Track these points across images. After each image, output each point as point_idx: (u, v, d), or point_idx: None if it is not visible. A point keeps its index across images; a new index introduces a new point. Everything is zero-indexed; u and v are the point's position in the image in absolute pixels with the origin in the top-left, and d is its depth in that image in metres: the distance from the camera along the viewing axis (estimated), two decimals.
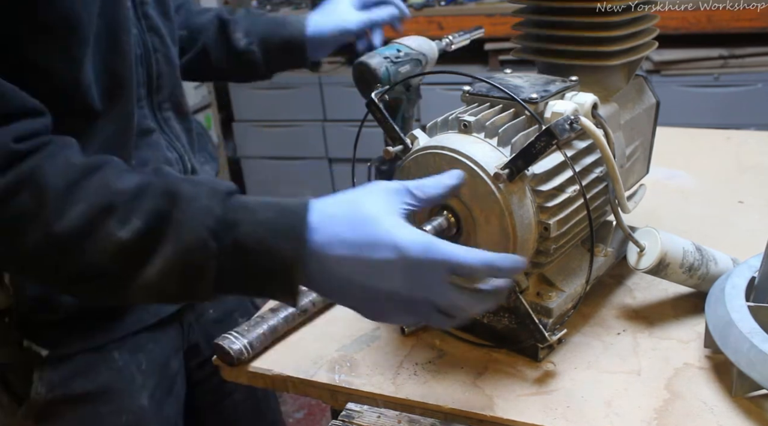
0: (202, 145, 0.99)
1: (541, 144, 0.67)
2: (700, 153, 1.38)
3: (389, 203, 0.63)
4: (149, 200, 0.62)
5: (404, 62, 0.91)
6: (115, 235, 0.61)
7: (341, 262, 0.62)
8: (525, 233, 0.72)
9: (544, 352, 0.80)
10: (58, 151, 0.63)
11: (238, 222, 0.62)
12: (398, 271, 0.61)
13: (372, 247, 0.61)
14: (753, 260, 0.80)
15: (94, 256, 0.61)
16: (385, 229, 0.61)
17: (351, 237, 0.61)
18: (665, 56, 2.63)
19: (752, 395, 0.72)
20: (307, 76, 3.11)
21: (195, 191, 0.63)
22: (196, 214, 0.61)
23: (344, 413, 0.76)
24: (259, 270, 0.62)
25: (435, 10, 2.90)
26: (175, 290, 0.64)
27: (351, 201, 0.64)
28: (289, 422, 2.29)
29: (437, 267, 0.61)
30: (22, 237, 0.60)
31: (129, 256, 0.61)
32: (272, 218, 0.62)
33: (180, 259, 0.61)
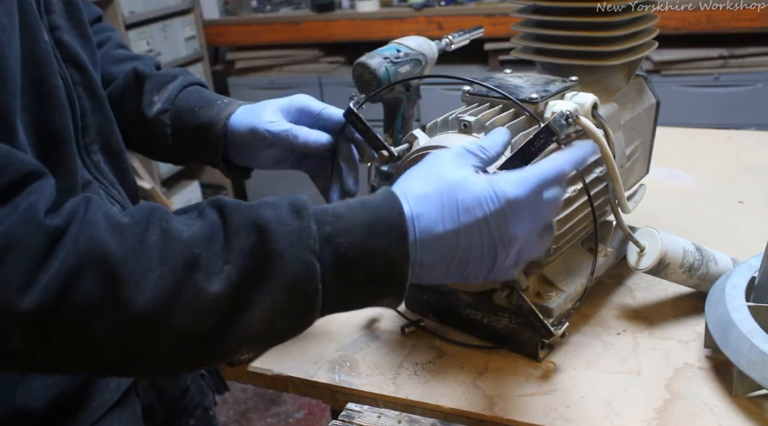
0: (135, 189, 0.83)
1: (540, 141, 0.67)
2: (700, 153, 1.38)
3: (464, 164, 0.62)
4: (232, 240, 0.55)
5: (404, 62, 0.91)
6: (206, 291, 0.53)
7: (449, 235, 0.59)
8: None
9: (544, 351, 0.80)
10: (94, 213, 0.53)
11: (335, 233, 0.56)
12: (507, 216, 0.60)
13: (473, 208, 0.59)
14: (753, 260, 0.80)
15: (185, 322, 0.53)
16: (478, 185, 0.60)
17: (449, 209, 0.59)
18: (665, 56, 2.63)
19: (752, 395, 0.72)
20: (307, 76, 3.12)
21: (278, 215, 0.56)
22: (294, 239, 0.55)
23: (344, 413, 0.76)
24: (367, 280, 0.57)
25: (435, 10, 2.91)
26: (284, 327, 0.58)
27: (430, 174, 0.62)
28: (289, 422, 2.29)
29: (537, 192, 0.61)
30: (94, 329, 0.51)
31: (227, 308, 0.54)
32: (365, 219, 0.57)
33: (289, 294, 0.55)
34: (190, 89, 0.87)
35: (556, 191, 0.64)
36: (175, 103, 0.85)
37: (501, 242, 0.61)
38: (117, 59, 0.89)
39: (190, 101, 0.85)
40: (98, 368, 0.57)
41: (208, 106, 0.85)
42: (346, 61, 3.19)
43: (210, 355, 0.57)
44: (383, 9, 3.05)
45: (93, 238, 0.51)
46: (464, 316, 0.84)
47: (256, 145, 0.82)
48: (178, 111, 0.85)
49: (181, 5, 3.09)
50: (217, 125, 0.83)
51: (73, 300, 0.50)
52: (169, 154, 0.88)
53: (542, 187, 0.62)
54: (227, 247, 0.54)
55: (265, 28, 3.17)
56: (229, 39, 3.31)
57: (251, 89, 3.07)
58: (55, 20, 0.69)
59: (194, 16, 3.18)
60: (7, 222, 0.49)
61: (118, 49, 0.91)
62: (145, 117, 0.85)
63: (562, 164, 0.63)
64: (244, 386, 2.39)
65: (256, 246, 0.55)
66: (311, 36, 3.11)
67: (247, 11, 3.31)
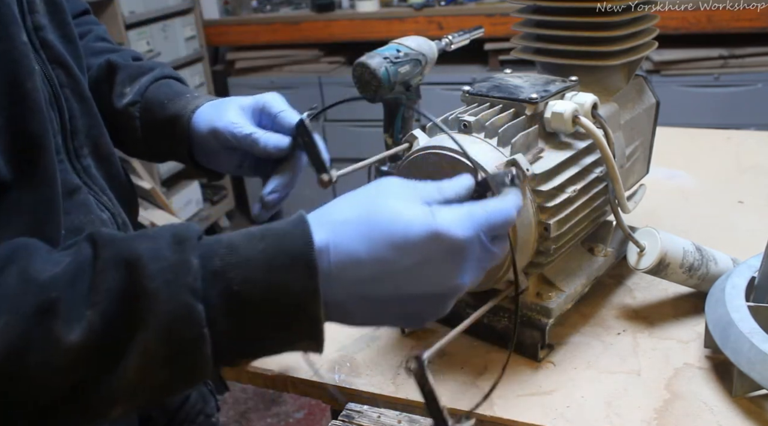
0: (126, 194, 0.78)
1: (474, 195, 0.59)
2: (700, 153, 1.38)
3: (408, 194, 0.52)
4: (98, 279, 0.47)
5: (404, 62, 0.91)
6: (63, 340, 0.45)
7: (375, 271, 0.50)
8: (525, 234, 0.72)
9: (544, 352, 0.80)
10: None
11: (225, 268, 0.48)
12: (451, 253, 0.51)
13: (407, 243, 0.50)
14: (753, 260, 0.80)
15: (43, 375, 0.46)
16: (417, 218, 0.50)
17: (376, 240, 0.50)
18: (665, 56, 2.63)
19: (752, 395, 0.72)
20: (307, 76, 3.12)
21: (155, 249, 0.48)
22: (170, 277, 0.47)
23: (344, 413, 0.76)
24: (267, 321, 0.49)
25: (435, 10, 2.91)
26: (165, 379, 0.49)
27: (362, 198, 0.53)
28: (289, 422, 2.29)
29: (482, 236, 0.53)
30: None
31: (90, 360, 0.47)
32: (265, 249, 0.49)
33: (163, 342, 0.47)
34: (162, 82, 0.83)
35: (504, 239, 0.56)
36: (145, 96, 0.81)
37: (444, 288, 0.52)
38: (95, 51, 0.86)
39: (159, 94, 0.81)
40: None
41: (177, 98, 0.80)
42: (346, 61, 3.19)
43: (79, 413, 0.49)
44: (383, 9, 3.05)
45: None
46: (464, 316, 0.83)
47: (216, 147, 0.77)
48: (148, 103, 0.80)
49: (181, 5, 3.09)
50: (182, 118, 0.78)
51: None
52: (140, 149, 0.84)
53: (490, 230, 0.54)
54: (92, 289, 0.47)
55: (265, 28, 3.17)
56: (229, 39, 3.31)
57: (251, 89, 3.07)
58: (39, 20, 0.67)
59: (194, 16, 3.18)
60: None
61: (97, 42, 0.88)
62: (115, 109, 0.81)
63: (510, 209, 0.55)
64: (244, 386, 2.39)
65: (125, 286, 0.47)
66: (311, 36, 3.11)
67: (247, 11, 3.31)
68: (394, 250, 0.50)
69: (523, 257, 0.74)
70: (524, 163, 0.70)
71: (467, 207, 0.53)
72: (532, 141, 0.75)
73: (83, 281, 0.47)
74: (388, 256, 0.50)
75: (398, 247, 0.50)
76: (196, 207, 3.24)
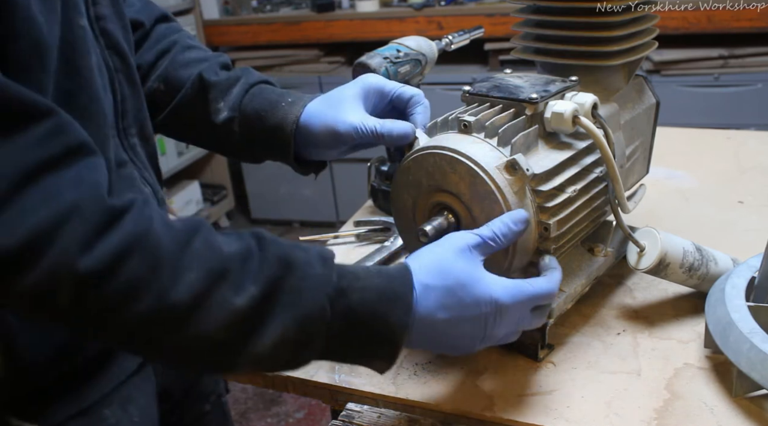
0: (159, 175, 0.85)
1: None
2: (700, 153, 1.38)
3: (475, 261, 0.67)
4: (263, 266, 0.59)
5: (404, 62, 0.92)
6: (230, 302, 0.57)
7: (443, 323, 0.64)
8: (524, 237, 0.72)
9: (544, 351, 0.80)
10: (150, 210, 0.58)
11: (350, 289, 0.61)
12: (498, 317, 0.66)
13: (471, 307, 0.65)
14: (753, 260, 0.80)
15: (207, 325, 0.57)
16: (480, 287, 0.65)
17: (451, 301, 0.64)
18: (665, 56, 2.63)
19: (752, 395, 0.72)
20: (307, 76, 3.12)
21: (307, 258, 0.61)
22: (315, 282, 0.60)
23: (344, 413, 0.76)
24: (365, 337, 0.62)
25: (435, 10, 2.91)
26: (285, 359, 0.61)
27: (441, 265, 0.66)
28: (289, 422, 2.29)
29: (525, 305, 0.68)
30: (132, 307, 0.55)
31: (243, 324, 0.58)
32: (380, 284, 0.62)
33: (298, 327, 0.59)
34: (254, 91, 0.87)
35: (544, 310, 0.71)
36: (241, 109, 0.86)
37: (484, 337, 0.67)
38: (184, 64, 0.90)
39: (255, 106, 0.86)
40: (121, 342, 0.60)
41: (274, 108, 0.85)
42: (346, 61, 3.19)
43: (218, 363, 0.60)
44: (383, 9, 3.05)
45: (149, 228, 0.56)
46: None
47: (335, 144, 0.82)
48: (245, 117, 0.86)
49: (181, 5, 3.09)
50: (285, 129, 0.83)
51: (120, 273, 0.54)
52: (242, 157, 0.92)
53: (533, 301, 0.69)
54: (257, 271, 0.58)
55: (265, 28, 3.17)
56: (229, 39, 3.31)
57: None
58: (102, 11, 0.72)
59: (194, 16, 3.18)
60: (76, 192, 0.53)
61: (184, 53, 0.91)
62: (214, 125, 0.87)
63: (554, 287, 0.70)
64: (244, 386, 2.39)
65: (281, 277, 0.59)
66: (311, 36, 3.11)
67: (247, 11, 3.31)
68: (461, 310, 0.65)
69: (522, 257, 0.74)
70: (524, 163, 0.70)
71: (520, 281, 0.68)
72: (532, 141, 0.75)
73: (251, 263, 0.59)
74: (454, 316, 0.65)
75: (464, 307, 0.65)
76: (196, 207, 3.24)
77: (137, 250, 0.54)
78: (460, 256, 0.66)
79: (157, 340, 0.57)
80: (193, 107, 0.88)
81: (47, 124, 0.54)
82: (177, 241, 0.57)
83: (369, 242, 1.12)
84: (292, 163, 0.86)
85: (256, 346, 0.58)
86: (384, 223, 1.12)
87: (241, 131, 0.86)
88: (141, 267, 0.54)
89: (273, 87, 0.89)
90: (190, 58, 0.91)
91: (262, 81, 0.89)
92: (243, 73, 0.89)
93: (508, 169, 0.71)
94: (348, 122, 0.79)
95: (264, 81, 0.90)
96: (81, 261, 0.52)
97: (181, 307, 0.55)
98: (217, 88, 0.87)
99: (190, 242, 0.57)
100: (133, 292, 0.54)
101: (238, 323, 0.57)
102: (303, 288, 0.59)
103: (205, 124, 0.87)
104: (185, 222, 0.60)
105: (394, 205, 0.81)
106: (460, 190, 0.73)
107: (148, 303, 0.55)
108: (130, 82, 0.76)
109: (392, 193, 0.80)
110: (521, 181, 0.71)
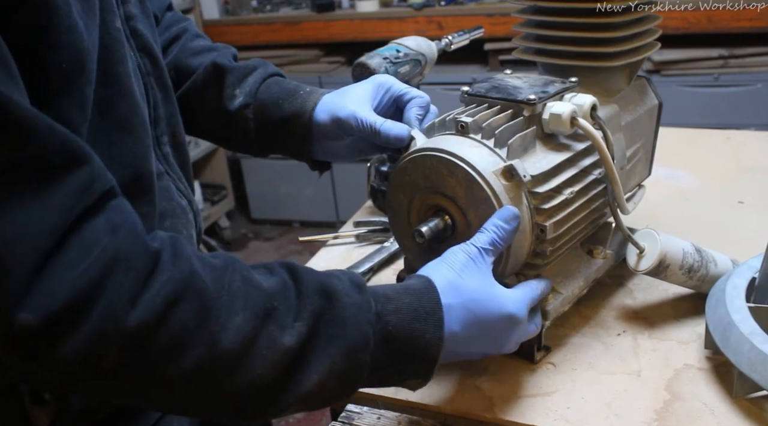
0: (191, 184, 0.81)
1: None
2: (700, 153, 1.38)
3: (483, 273, 0.67)
4: (304, 300, 0.57)
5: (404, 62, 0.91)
6: (279, 341, 0.54)
7: (464, 339, 0.65)
8: (519, 239, 0.71)
9: (541, 353, 0.80)
10: (184, 247, 0.55)
11: (385, 312, 0.60)
12: (512, 329, 0.68)
13: (487, 322, 0.66)
14: (753, 261, 0.80)
15: (258, 368, 0.54)
16: (495, 303, 0.66)
17: (468, 318, 0.64)
18: (665, 56, 2.63)
19: (753, 396, 0.72)
20: (307, 76, 3.12)
21: (343, 286, 0.60)
22: (356, 311, 0.59)
23: (344, 414, 0.76)
24: (404, 358, 0.61)
25: (435, 10, 2.90)
26: (332, 392, 0.59)
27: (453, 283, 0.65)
28: (289, 422, 2.29)
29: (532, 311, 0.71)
30: (183, 359, 0.51)
31: (294, 363, 0.56)
32: (411, 303, 0.62)
33: (344, 360, 0.57)
34: (270, 81, 0.86)
35: (537, 312, 0.74)
36: (257, 97, 0.84)
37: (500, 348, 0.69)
38: (195, 51, 0.88)
39: (272, 93, 0.84)
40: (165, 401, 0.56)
41: (292, 97, 0.83)
42: (346, 61, 3.19)
43: (266, 407, 0.58)
44: (383, 9, 3.04)
45: (192, 271, 0.53)
46: None
47: (338, 135, 0.82)
48: (262, 104, 0.84)
49: (181, 5, 3.08)
50: (303, 117, 0.82)
51: (169, 325, 0.50)
52: (249, 147, 0.88)
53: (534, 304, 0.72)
54: (299, 305, 0.57)
55: (265, 28, 3.17)
56: (229, 39, 3.30)
57: None
58: (131, 10, 0.70)
59: (194, 16, 3.18)
60: (114, 239, 0.50)
61: (195, 40, 0.90)
62: (227, 111, 0.84)
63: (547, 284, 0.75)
64: None
65: (325, 310, 0.57)
66: (311, 36, 3.10)
67: (247, 11, 3.31)
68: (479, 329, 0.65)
69: (515, 262, 0.74)
70: (521, 169, 0.70)
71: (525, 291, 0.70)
72: (529, 142, 0.75)
73: (290, 298, 0.57)
74: (473, 333, 0.65)
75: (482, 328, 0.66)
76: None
77: (185, 296, 0.51)
78: (469, 271, 0.66)
79: (205, 392, 0.54)
80: (205, 93, 0.85)
81: (84, 172, 0.50)
82: (219, 282, 0.54)
83: (369, 243, 1.12)
84: (308, 151, 0.85)
85: (304, 383, 0.56)
86: (384, 223, 1.12)
87: (256, 118, 0.84)
88: (190, 314, 0.51)
89: (288, 79, 0.89)
90: (201, 46, 0.89)
91: (279, 74, 0.89)
92: (260, 64, 0.88)
93: (505, 174, 0.70)
94: (349, 109, 0.79)
95: (281, 74, 0.89)
96: (129, 317, 0.49)
97: (232, 353, 0.53)
98: (234, 74, 0.85)
99: (230, 281, 0.55)
100: (184, 342, 0.51)
101: (288, 362, 0.55)
102: (346, 318, 0.58)
103: (217, 111, 0.85)
104: (220, 258, 0.57)
105: (390, 205, 0.80)
106: (456, 193, 0.72)
107: (200, 352, 0.51)
108: (162, 86, 0.74)
109: (388, 193, 0.80)
110: (518, 187, 0.71)
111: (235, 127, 0.85)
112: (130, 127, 0.63)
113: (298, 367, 0.56)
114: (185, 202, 0.75)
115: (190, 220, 0.76)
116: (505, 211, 0.69)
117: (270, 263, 0.61)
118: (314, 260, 1.08)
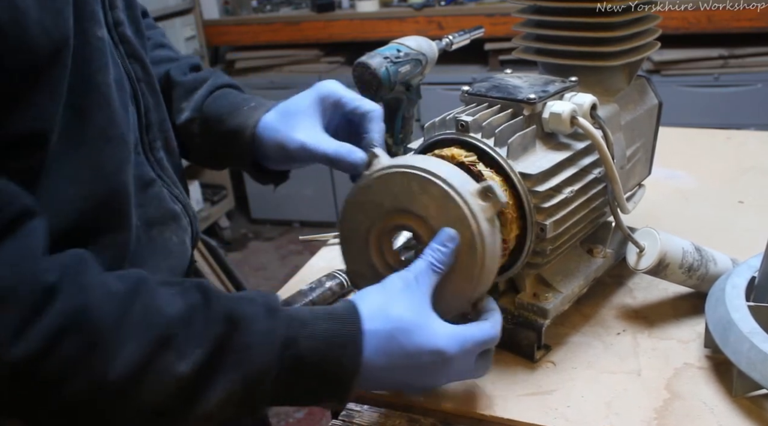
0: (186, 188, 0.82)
1: None
2: (700, 153, 1.38)
3: (418, 301, 0.65)
4: (208, 325, 0.57)
5: (404, 62, 0.91)
6: (173, 370, 0.55)
7: (380, 370, 0.63)
8: (492, 263, 0.69)
9: (541, 352, 0.80)
10: (88, 277, 0.55)
11: (297, 338, 0.60)
12: (441, 366, 0.65)
13: (412, 355, 0.64)
14: (753, 260, 0.80)
15: (150, 396, 0.55)
16: (423, 335, 0.64)
17: (391, 347, 0.63)
18: (665, 56, 2.63)
19: (752, 395, 0.72)
20: (307, 76, 3.12)
21: (254, 312, 0.59)
22: (260, 338, 0.58)
23: (344, 413, 0.76)
24: (315, 383, 0.61)
25: (435, 10, 2.91)
26: (232, 414, 0.59)
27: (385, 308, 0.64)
28: (289, 422, 2.29)
29: (471, 353, 0.67)
30: (68, 388, 0.53)
31: (189, 390, 0.56)
32: (328, 329, 0.61)
33: (243, 386, 0.58)
34: (218, 94, 0.84)
35: (489, 355, 0.70)
36: (203, 110, 0.83)
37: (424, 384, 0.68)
38: (154, 61, 0.85)
39: (217, 107, 0.83)
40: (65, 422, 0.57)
41: (235, 112, 0.81)
42: (346, 61, 3.19)
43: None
44: (383, 9, 3.05)
45: (85, 306, 0.53)
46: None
47: (286, 160, 0.80)
48: (206, 118, 0.82)
49: (181, 5, 3.09)
50: (244, 133, 0.80)
51: (53, 357, 0.51)
52: (203, 160, 0.88)
53: (480, 348, 0.67)
54: (202, 332, 0.57)
55: (265, 28, 3.17)
56: (229, 39, 3.31)
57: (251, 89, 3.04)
58: (119, 16, 0.69)
59: (194, 16, 3.18)
60: (10, 273, 0.51)
61: (156, 50, 0.88)
62: (175, 125, 0.82)
63: (498, 330, 0.69)
64: None
65: (229, 336, 0.57)
66: (311, 36, 3.11)
67: (247, 11, 3.31)
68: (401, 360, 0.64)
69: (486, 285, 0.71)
70: (499, 192, 0.66)
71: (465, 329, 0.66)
72: (529, 141, 0.75)
73: (196, 324, 0.57)
74: (393, 363, 0.63)
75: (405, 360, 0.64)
76: (196, 207, 3.23)
77: (72, 329, 0.52)
78: (403, 298, 0.65)
79: (99, 414, 0.55)
80: None
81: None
82: (115, 309, 0.54)
83: None
84: (250, 169, 0.83)
85: (203, 409, 0.57)
86: None
87: (201, 133, 0.83)
88: (75, 347, 0.52)
89: (238, 91, 0.86)
90: (161, 57, 0.88)
91: (228, 85, 0.86)
92: (210, 75, 0.86)
93: (481, 194, 0.67)
94: (298, 141, 0.76)
95: (231, 85, 0.87)
96: (12, 349, 0.50)
97: (119, 382, 0.53)
98: (183, 87, 0.84)
99: (129, 308, 0.55)
100: (68, 373, 0.52)
101: (182, 389, 0.56)
102: (250, 344, 0.58)
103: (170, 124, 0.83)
104: (126, 280, 0.57)
105: (344, 226, 0.73)
106: (428, 213, 0.68)
107: (84, 382, 0.53)
108: (152, 92, 0.73)
109: (344, 213, 0.73)
110: (494, 208, 0.67)
111: (184, 141, 0.84)
112: (107, 139, 0.63)
113: (194, 393, 0.56)
114: (179, 207, 0.75)
115: (183, 225, 0.76)
116: (442, 233, 0.67)
117: (186, 282, 0.61)
118: (314, 260, 1.08)
